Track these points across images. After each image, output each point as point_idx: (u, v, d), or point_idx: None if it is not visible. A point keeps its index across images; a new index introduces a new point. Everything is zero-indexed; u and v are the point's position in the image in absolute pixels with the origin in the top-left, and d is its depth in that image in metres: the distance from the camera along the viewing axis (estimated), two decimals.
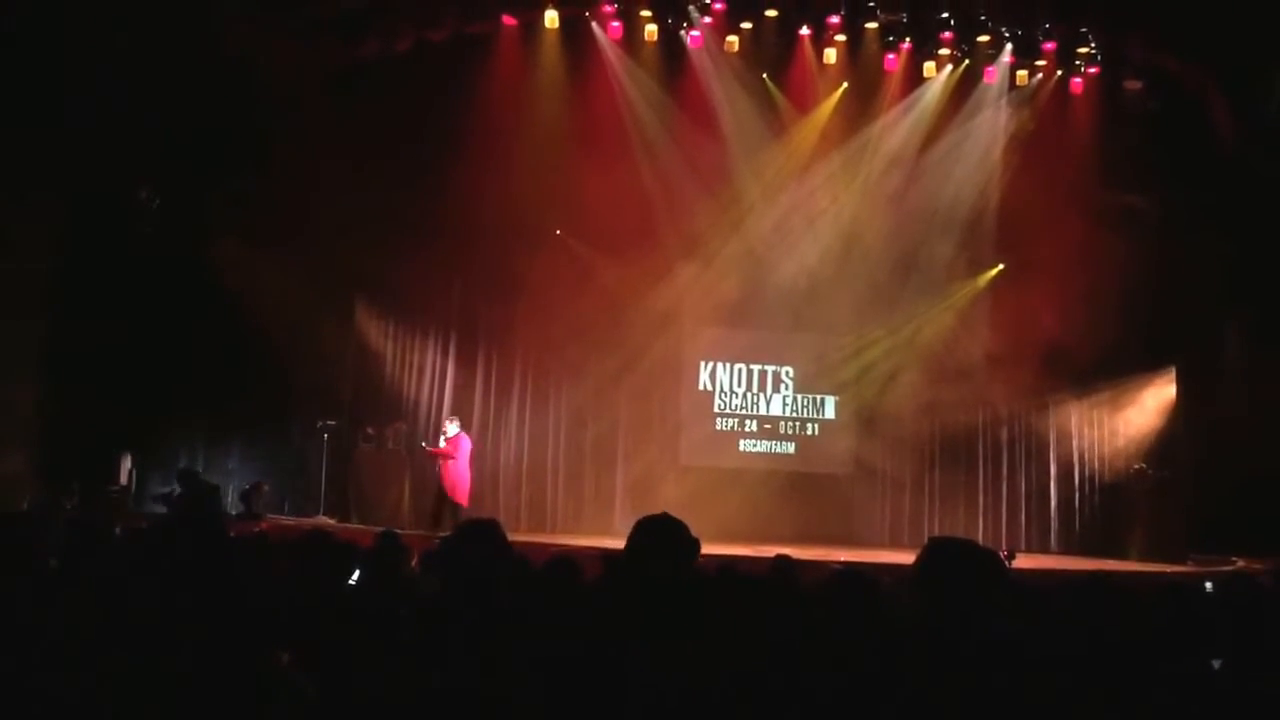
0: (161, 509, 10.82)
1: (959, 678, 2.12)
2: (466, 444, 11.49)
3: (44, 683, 2.27)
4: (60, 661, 2.34)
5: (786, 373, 13.72)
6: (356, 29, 11.64)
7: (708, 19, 12.59)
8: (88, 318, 10.57)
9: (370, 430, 12.18)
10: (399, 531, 10.52)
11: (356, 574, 4.37)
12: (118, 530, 4.88)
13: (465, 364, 13.11)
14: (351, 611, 3.31)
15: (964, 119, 13.11)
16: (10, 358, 10.09)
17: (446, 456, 11.32)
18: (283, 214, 11.10)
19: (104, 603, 2.63)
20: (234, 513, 11.02)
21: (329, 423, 12.07)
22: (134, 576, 2.71)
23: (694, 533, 2.78)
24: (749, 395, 13.70)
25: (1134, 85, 12.77)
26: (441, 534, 10.55)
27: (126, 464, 11.32)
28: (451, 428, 11.50)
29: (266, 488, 11.71)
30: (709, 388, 13.63)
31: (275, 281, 11.17)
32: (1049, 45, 12.73)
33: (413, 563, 5.15)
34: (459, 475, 11.30)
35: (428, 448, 11.64)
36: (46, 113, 9.69)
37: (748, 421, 13.65)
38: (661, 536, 2.70)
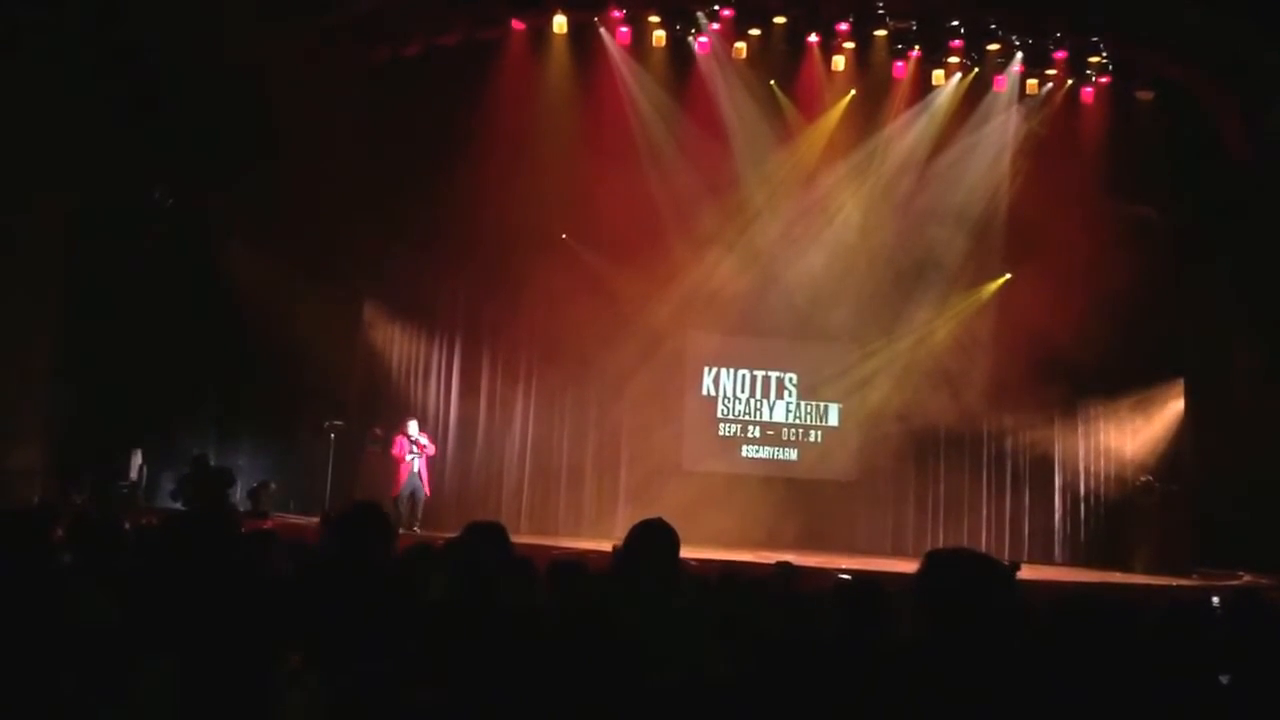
0: (175, 502, 10.90)
1: (962, 692, 2.12)
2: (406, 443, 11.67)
3: (55, 678, 2.29)
4: (71, 657, 2.35)
5: (790, 379, 13.71)
6: (367, 34, 11.69)
7: (716, 25, 12.60)
8: (99, 316, 10.64)
9: (377, 431, 12.21)
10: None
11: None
12: (128, 526, 4.90)
13: (470, 367, 13.15)
14: (360, 612, 3.32)
15: (973, 127, 13.07)
16: (22, 355, 10.14)
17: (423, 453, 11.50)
18: (292, 215, 11.17)
19: (114, 599, 2.64)
20: (241, 510, 11.08)
21: (336, 423, 12.11)
22: (144, 573, 2.72)
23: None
24: (752, 401, 13.69)
25: (1145, 95, 12.75)
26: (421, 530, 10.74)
27: (137, 460, 11.37)
28: (414, 427, 11.62)
29: (274, 486, 11.76)
30: (712, 393, 13.64)
31: (284, 282, 11.23)
32: (1060, 54, 12.69)
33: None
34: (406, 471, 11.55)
35: (419, 449, 11.61)
36: (60, 111, 9.75)
37: (750, 428, 13.64)
38: (643, 538, 2.83)
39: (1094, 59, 12.68)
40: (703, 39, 12.70)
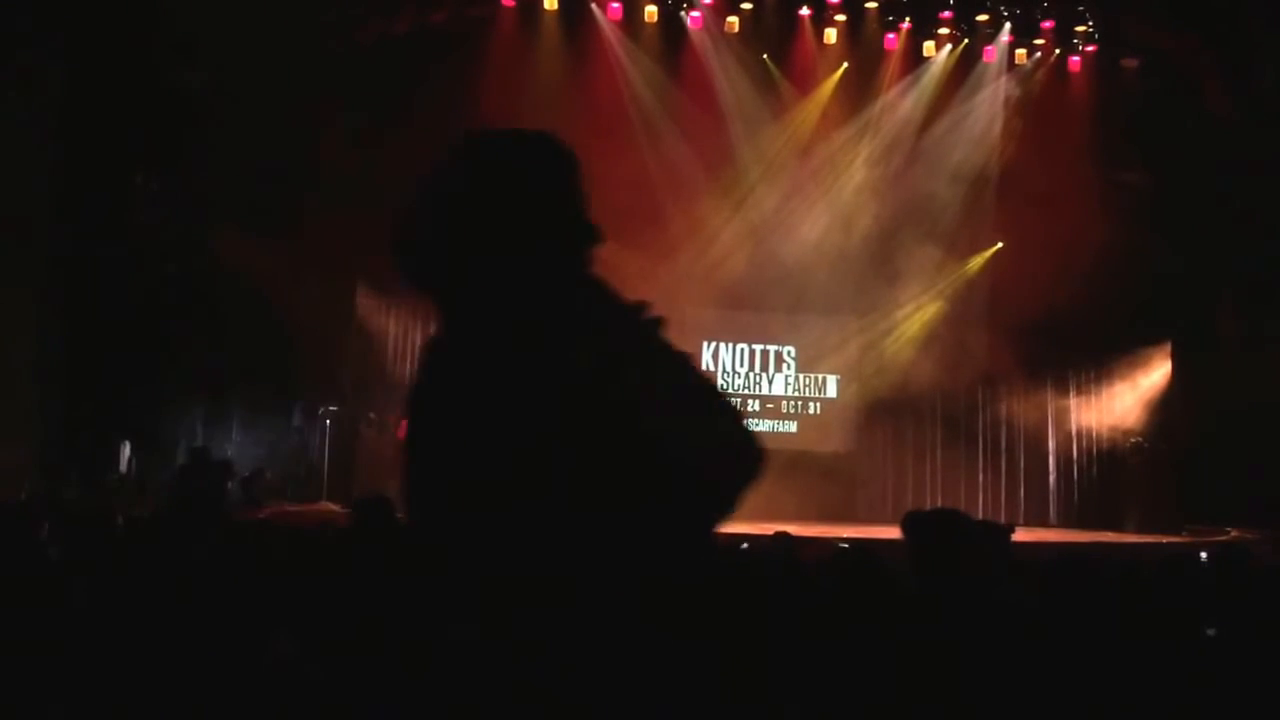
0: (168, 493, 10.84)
1: (959, 649, 2.16)
2: None
3: (50, 672, 2.29)
4: (64, 650, 2.36)
5: (788, 352, 13.77)
6: (354, 11, 11.60)
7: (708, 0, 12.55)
8: (84, 305, 10.53)
9: (373, 415, 12.18)
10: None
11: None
12: (120, 520, 4.88)
13: None
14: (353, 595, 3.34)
15: (963, 98, 13.13)
16: (9, 347, 10.06)
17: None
18: (282, 197, 11.10)
19: (105, 592, 2.65)
20: (235, 500, 10.98)
21: (331, 408, 12.08)
22: (136, 564, 2.73)
23: None
24: (751, 375, 13.76)
25: (1130, 63, 12.80)
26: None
27: (125, 452, 11.28)
28: None
29: (269, 475, 11.70)
30: (711, 367, 13.67)
31: (275, 266, 11.14)
32: (1047, 23, 12.73)
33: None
34: None
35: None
36: (48, 95, 9.68)
37: (750, 401, 13.70)
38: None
39: (1080, 28, 12.72)
40: (694, 13, 12.63)
